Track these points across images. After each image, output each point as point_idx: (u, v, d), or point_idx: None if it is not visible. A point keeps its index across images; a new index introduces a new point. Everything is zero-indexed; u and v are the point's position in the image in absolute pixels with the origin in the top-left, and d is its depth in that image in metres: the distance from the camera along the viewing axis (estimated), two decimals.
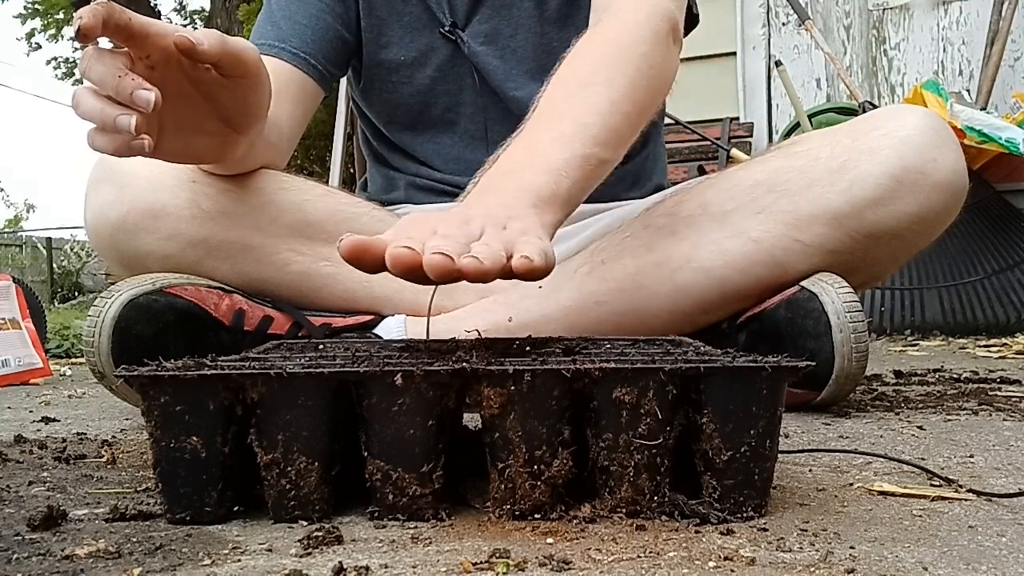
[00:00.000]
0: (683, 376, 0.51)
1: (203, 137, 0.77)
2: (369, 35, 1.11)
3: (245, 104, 0.76)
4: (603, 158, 0.78)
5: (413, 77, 1.11)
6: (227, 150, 0.80)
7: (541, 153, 0.75)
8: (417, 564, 0.44)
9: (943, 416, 0.90)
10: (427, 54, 1.10)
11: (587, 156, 0.75)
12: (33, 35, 8.62)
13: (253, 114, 0.78)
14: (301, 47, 1.04)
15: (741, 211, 0.90)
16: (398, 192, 1.18)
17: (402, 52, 1.11)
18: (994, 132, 2.12)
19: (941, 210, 0.89)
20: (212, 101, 0.74)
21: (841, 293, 0.85)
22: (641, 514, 0.51)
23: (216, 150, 0.80)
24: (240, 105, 0.75)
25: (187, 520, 0.51)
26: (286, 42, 1.03)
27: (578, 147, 0.75)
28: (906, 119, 0.89)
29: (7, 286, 1.60)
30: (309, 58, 1.04)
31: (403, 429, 0.50)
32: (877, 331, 2.24)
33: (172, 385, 0.51)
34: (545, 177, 0.71)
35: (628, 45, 0.84)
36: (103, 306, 0.86)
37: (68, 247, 11.01)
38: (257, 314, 0.94)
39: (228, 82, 0.72)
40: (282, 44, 1.03)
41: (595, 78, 0.82)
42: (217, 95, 0.73)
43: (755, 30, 2.95)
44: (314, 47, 1.05)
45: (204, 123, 0.76)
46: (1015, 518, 0.51)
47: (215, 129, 0.77)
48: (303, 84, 1.04)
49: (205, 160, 0.84)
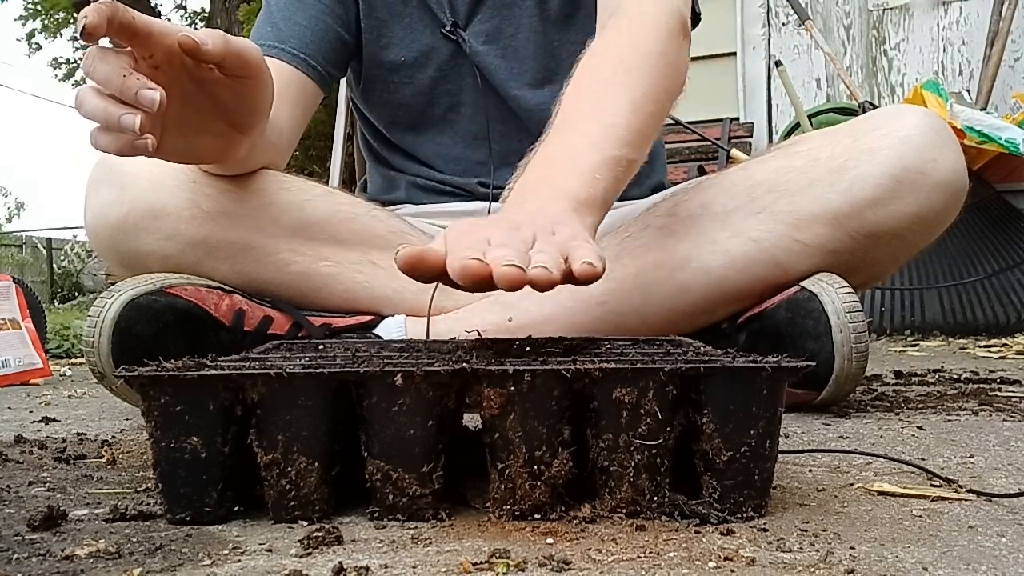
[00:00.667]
0: (683, 376, 0.51)
1: (206, 137, 0.77)
2: (369, 36, 1.11)
3: (249, 104, 0.76)
4: (631, 159, 0.79)
5: (415, 77, 1.11)
6: (230, 150, 0.80)
7: (573, 157, 0.76)
8: (417, 564, 0.44)
9: (943, 416, 0.90)
10: (428, 54, 1.10)
11: (617, 158, 0.76)
12: (33, 36, 8.63)
13: (256, 114, 0.78)
14: (301, 48, 1.04)
15: (741, 211, 0.90)
16: (398, 192, 1.18)
17: (403, 53, 1.11)
18: (994, 132, 2.12)
19: (941, 210, 0.89)
20: (215, 101, 0.74)
21: (841, 293, 0.85)
22: (641, 514, 0.51)
23: (219, 150, 0.80)
24: (244, 105, 0.75)
25: (187, 520, 0.51)
26: (286, 43, 1.03)
27: (607, 149, 0.76)
28: (906, 119, 0.89)
29: (7, 286, 1.60)
30: (309, 59, 1.04)
31: (403, 429, 0.50)
32: (877, 331, 2.24)
33: (172, 385, 0.51)
34: (580, 180, 0.72)
35: (644, 45, 0.85)
36: (103, 306, 0.86)
37: (68, 247, 11.01)
38: (257, 314, 0.94)
39: (231, 82, 0.72)
40: (282, 45, 1.03)
41: (616, 79, 0.82)
42: (220, 95, 0.73)
43: (755, 30, 2.95)
44: (314, 48, 1.05)
45: (207, 123, 0.76)
46: (1015, 518, 0.51)
47: (218, 129, 0.77)
48: (303, 85, 1.04)
49: (207, 160, 0.84)
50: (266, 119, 0.82)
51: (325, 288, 0.97)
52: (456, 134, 1.13)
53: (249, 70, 0.72)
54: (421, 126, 1.14)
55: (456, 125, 1.13)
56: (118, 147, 0.66)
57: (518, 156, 1.12)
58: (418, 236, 1.02)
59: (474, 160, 1.12)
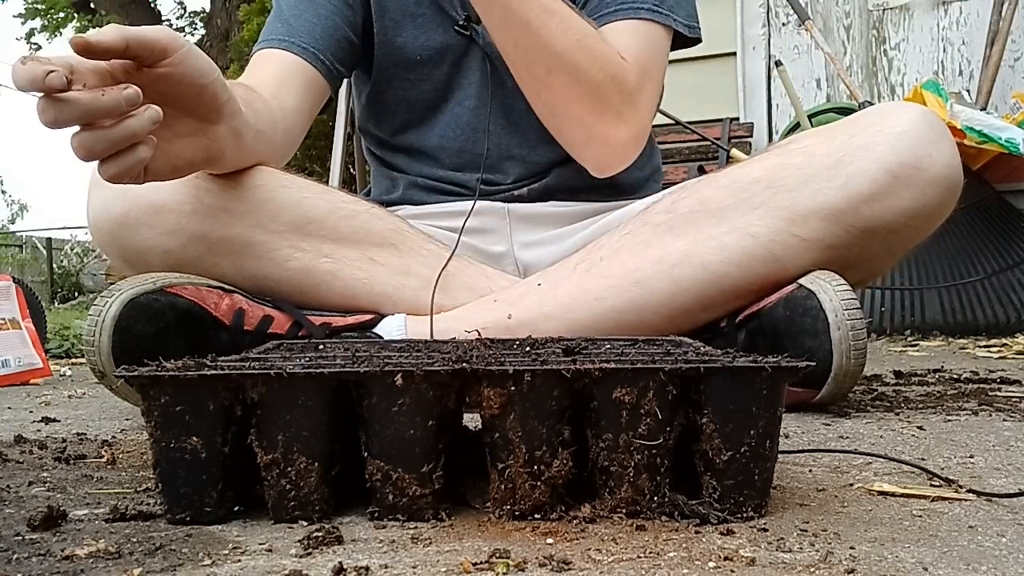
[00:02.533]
0: (683, 376, 0.51)
1: (182, 141, 0.77)
2: (383, 37, 1.12)
3: (196, 86, 0.75)
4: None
5: (431, 74, 1.13)
6: (212, 147, 0.80)
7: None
8: (417, 564, 0.44)
9: (943, 416, 0.90)
10: (444, 51, 1.12)
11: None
12: (33, 35, 8.61)
13: (211, 94, 0.77)
14: (311, 43, 1.05)
15: (739, 207, 0.91)
16: (397, 193, 1.18)
17: (419, 52, 1.12)
18: (994, 132, 2.12)
19: (936, 205, 0.89)
20: (167, 101, 0.73)
21: (839, 291, 0.86)
22: (641, 514, 0.51)
23: (203, 150, 0.79)
24: (192, 90, 0.75)
25: (187, 520, 0.51)
26: (296, 37, 1.05)
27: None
28: (901, 115, 0.90)
29: (7, 286, 1.60)
30: (318, 53, 1.06)
31: (403, 429, 0.50)
32: (877, 331, 2.24)
33: (172, 385, 0.51)
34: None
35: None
36: (103, 306, 0.86)
37: (68, 247, 11.01)
38: (257, 314, 0.94)
39: (163, 72, 0.71)
40: (292, 39, 1.05)
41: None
42: (167, 93, 0.73)
43: (755, 30, 2.95)
44: (323, 44, 1.06)
45: (175, 127, 0.75)
46: (1015, 518, 0.51)
47: (189, 129, 0.77)
48: (311, 78, 1.05)
49: (199, 164, 0.83)
50: (232, 99, 0.80)
51: (324, 285, 0.97)
52: (458, 127, 1.13)
53: (164, 50, 0.70)
54: (431, 120, 1.15)
55: (460, 119, 1.13)
56: (126, 168, 0.67)
57: (516, 150, 1.12)
58: (417, 235, 1.02)
59: (475, 152, 1.13)
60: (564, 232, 1.12)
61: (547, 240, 1.12)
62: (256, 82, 0.99)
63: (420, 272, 0.99)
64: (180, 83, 0.73)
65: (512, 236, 1.12)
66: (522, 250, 1.12)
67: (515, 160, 1.13)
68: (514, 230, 1.12)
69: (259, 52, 1.07)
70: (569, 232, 1.11)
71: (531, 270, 1.08)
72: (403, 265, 0.99)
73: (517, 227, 1.12)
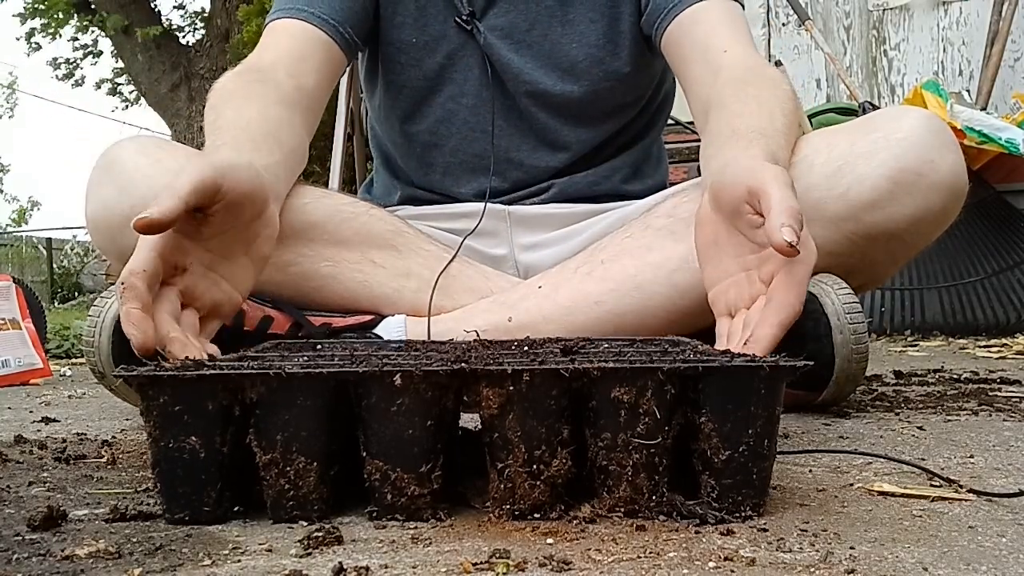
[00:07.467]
0: (681, 376, 0.51)
1: (232, 266, 0.77)
2: (385, 12, 1.11)
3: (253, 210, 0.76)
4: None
5: (422, 61, 1.11)
6: (263, 248, 0.80)
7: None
8: (417, 564, 0.44)
9: (943, 416, 0.90)
10: (438, 40, 1.11)
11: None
12: (33, 35, 8.60)
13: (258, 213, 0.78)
14: (330, 14, 1.04)
15: None
16: (396, 195, 1.19)
17: (414, 34, 1.11)
18: (994, 132, 2.12)
19: (939, 211, 0.89)
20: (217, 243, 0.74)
21: (841, 295, 0.85)
22: (639, 514, 0.51)
23: (257, 259, 0.80)
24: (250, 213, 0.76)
25: (185, 520, 0.51)
26: (314, 7, 1.04)
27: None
28: (903, 121, 0.89)
29: (7, 286, 1.60)
30: (337, 24, 1.04)
31: (402, 429, 0.50)
32: (877, 332, 2.24)
33: (171, 385, 0.51)
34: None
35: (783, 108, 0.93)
36: (103, 306, 0.86)
37: (68, 247, 11.02)
38: (257, 314, 0.93)
39: (214, 217, 0.72)
40: (310, 8, 1.04)
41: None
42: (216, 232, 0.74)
43: (755, 30, 2.95)
44: (341, 15, 1.05)
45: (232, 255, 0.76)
46: (1015, 518, 0.51)
47: (238, 251, 0.77)
48: (330, 51, 1.04)
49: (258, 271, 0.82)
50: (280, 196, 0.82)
51: (325, 287, 0.97)
52: (453, 125, 1.13)
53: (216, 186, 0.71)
54: (420, 113, 1.14)
55: (455, 116, 1.12)
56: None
57: (515, 153, 1.12)
58: (417, 236, 1.02)
59: (471, 152, 1.12)
60: (565, 234, 1.11)
61: (548, 242, 1.11)
62: (274, 57, 0.99)
63: (420, 273, 0.99)
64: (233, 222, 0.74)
65: (513, 238, 1.12)
66: (523, 252, 1.11)
67: (514, 164, 1.13)
68: (514, 232, 1.12)
69: (275, 22, 1.05)
70: (570, 234, 1.11)
71: (532, 272, 1.08)
72: (403, 267, 0.99)
73: (517, 229, 1.12)
